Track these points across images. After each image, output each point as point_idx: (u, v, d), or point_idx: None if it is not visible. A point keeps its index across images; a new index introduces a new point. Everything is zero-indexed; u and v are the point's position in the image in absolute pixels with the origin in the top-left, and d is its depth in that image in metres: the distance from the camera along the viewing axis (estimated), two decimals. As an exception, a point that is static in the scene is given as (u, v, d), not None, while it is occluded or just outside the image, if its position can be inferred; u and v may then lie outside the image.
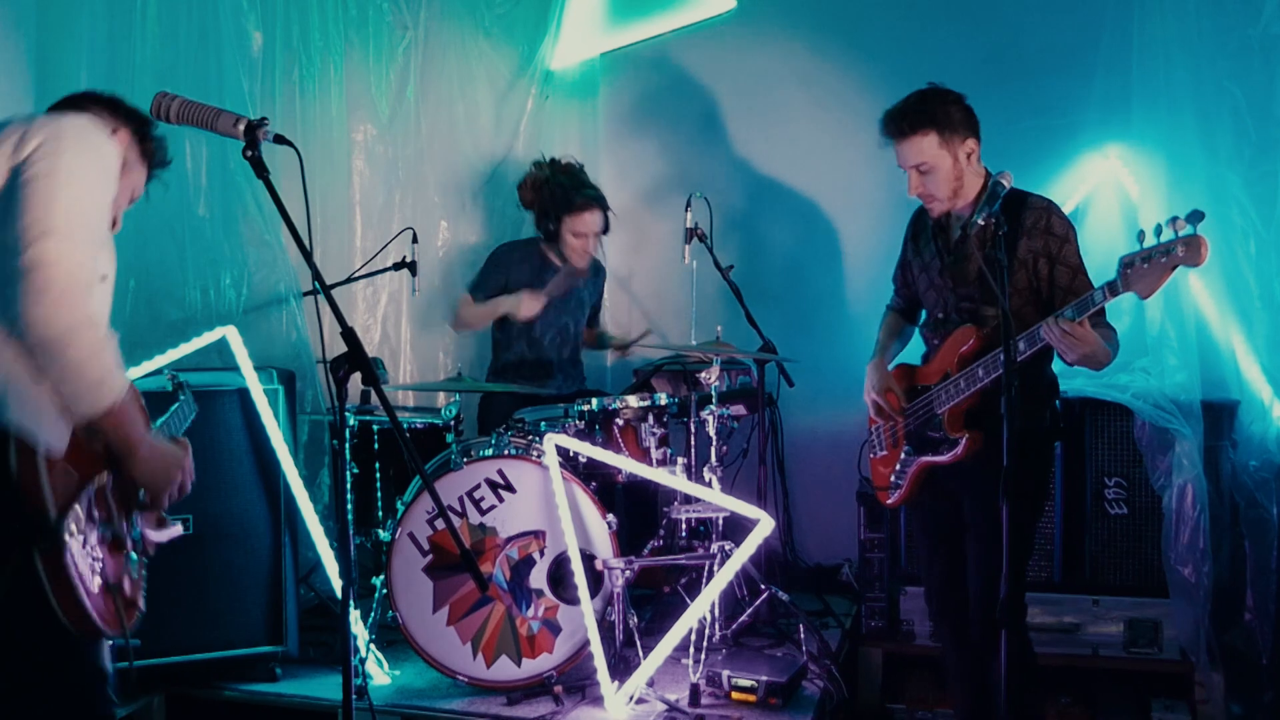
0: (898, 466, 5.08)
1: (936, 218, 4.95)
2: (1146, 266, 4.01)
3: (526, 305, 6.99)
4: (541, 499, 5.60)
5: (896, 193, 7.32)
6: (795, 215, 8.04)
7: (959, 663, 5.13)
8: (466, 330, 7.52)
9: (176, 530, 3.97)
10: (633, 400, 6.13)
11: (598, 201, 7.14)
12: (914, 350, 5.32)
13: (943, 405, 4.79)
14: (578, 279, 7.20)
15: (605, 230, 7.30)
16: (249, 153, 3.42)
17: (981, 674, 4.94)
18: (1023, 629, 4.88)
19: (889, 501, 5.19)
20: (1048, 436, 4.85)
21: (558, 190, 7.19)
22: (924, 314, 5.19)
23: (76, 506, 3.27)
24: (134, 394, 3.42)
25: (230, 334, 5.87)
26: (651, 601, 6.51)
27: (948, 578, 5.04)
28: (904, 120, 4.74)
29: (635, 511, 6.71)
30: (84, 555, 3.28)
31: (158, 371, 5.62)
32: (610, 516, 5.64)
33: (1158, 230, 3.96)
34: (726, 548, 5.78)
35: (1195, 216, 3.84)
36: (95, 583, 3.30)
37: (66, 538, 3.19)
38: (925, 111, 4.71)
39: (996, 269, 4.18)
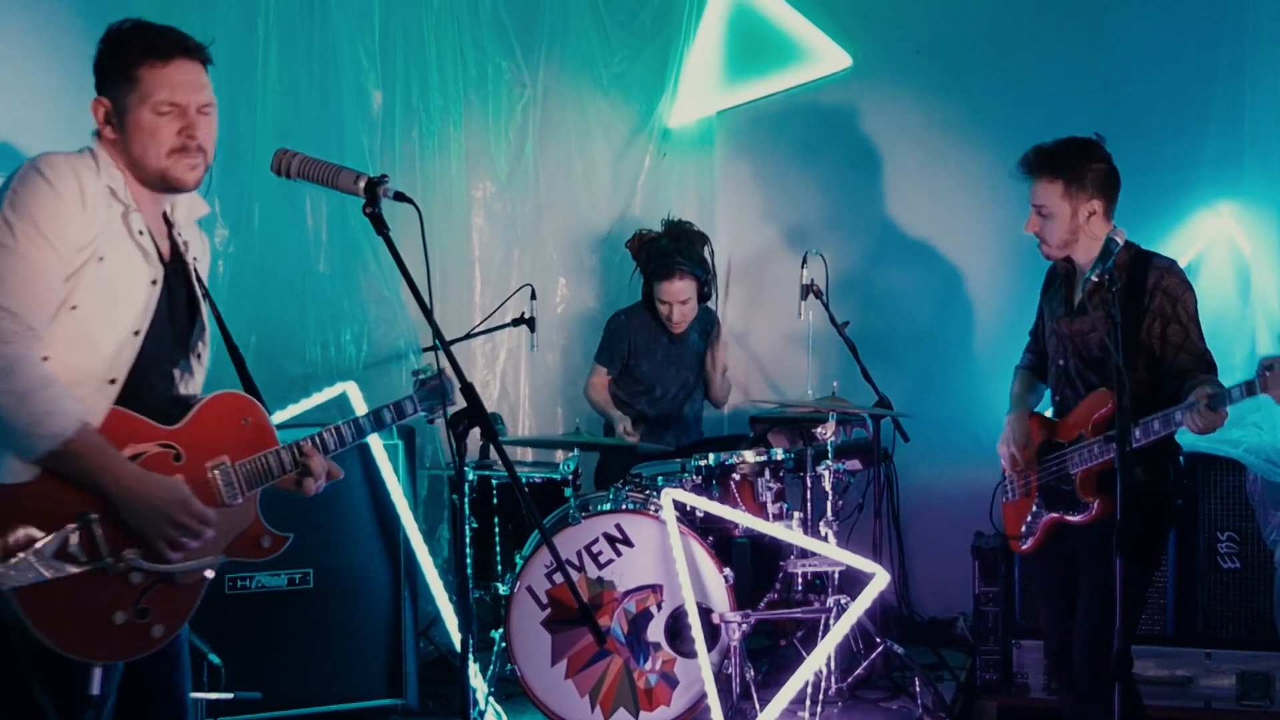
0: (1029, 518, 5.02)
1: (1061, 272, 4.96)
2: None
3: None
4: (659, 553, 5.64)
5: (1011, 247, 7.40)
6: (911, 271, 8.03)
7: (1080, 715, 5.07)
8: (589, 403, 7.54)
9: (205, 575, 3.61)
10: (749, 455, 6.13)
11: (686, 271, 7.10)
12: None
13: (1076, 467, 4.74)
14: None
15: (705, 298, 7.35)
16: (369, 209, 3.42)
17: None
18: (1130, 681, 4.85)
19: (1022, 548, 5.12)
20: (1170, 493, 4.81)
21: (656, 253, 7.25)
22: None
23: (50, 539, 3.20)
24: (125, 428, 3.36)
25: (350, 389, 6.00)
26: (768, 654, 6.51)
27: (1069, 631, 4.96)
28: (1036, 162, 4.77)
29: (761, 564, 6.74)
30: (71, 585, 3.23)
31: (293, 424, 5.74)
32: (727, 570, 5.66)
33: None
34: (842, 601, 5.81)
35: None
36: (84, 610, 3.26)
37: (36, 568, 3.16)
38: (1061, 161, 4.73)
39: (1111, 326, 4.22)
